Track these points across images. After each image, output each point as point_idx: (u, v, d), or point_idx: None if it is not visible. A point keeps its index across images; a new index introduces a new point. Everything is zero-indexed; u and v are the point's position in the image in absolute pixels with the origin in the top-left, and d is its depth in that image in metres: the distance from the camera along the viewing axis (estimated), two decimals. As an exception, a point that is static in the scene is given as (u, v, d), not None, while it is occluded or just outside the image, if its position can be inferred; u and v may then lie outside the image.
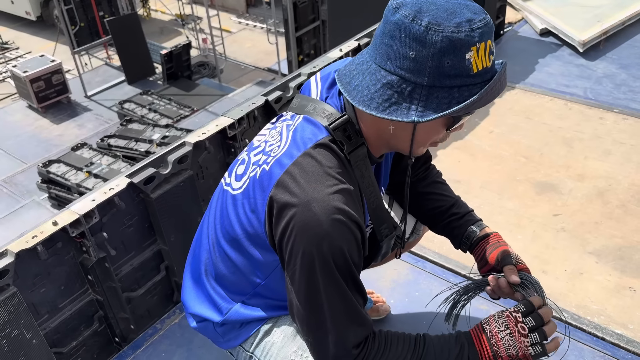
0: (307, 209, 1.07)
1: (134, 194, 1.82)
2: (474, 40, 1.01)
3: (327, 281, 1.10)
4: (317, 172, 1.10)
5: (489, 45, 1.04)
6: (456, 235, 1.48)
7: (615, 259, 2.16)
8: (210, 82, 10.53)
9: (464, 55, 1.01)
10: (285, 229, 1.09)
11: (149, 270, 1.98)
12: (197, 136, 1.97)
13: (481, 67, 1.04)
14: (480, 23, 1.02)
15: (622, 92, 3.21)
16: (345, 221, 1.07)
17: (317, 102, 1.21)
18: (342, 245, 1.08)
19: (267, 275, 1.27)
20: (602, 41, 3.72)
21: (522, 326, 1.19)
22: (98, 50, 12.13)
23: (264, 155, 1.20)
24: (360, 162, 1.19)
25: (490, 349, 1.18)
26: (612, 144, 2.79)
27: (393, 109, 1.06)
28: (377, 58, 1.08)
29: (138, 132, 7.34)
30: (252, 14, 15.29)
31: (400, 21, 1.03)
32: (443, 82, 1.03)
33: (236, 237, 1.25)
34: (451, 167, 2.74)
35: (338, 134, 1.15)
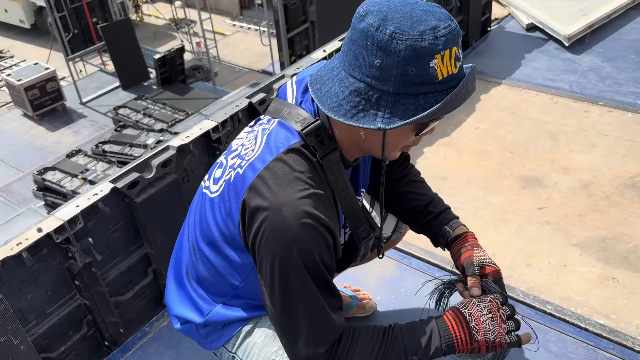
0: (278, 213, 1.09)
1: (118, 198, 1.84)
2: (437, 48, 1.02)
3: (298, 284, 1.12)
4: (288, 177, 1.12)
5: (454, 52, 1.05)
6: (433, 234, 1.51)
7: (599, 250, 2.18)
8: (205, 86, 10.55)
9: (428, 63, 1.02)
10: (257, 233, 1.12)
11: (136, 274, 2.00)
12: (181, 140, 1.99)
13: (446, 74, 1.04)
14: (444, 31, 1.03)
15: (607, 85, 3.24)
16: (314, 225, 1.09)
17: (292, 107, 1.23)
18: (312, 248, 1.10)
19: (245, 276, 1.29)
20: (587, 35, 3.75)
21: (502, 312, 1.23)
22: (92, 57, 12.15)
23: (239, 159, 1.22)
24: (333, 167, 1.21)
25: (469, 332, 1.20)
26: (597, 136, 2.82)
27: (360, 116, 1.07)
28: (346, 65, 1.10)
29: (132, 137, 7.36)
30: (245, 16, 15.31)
31: (366, 29, 1.05)
32: (408, 90, 1.04)
33: (214, 240, 1.27)
34: (438, 163, 2.76)
35: (311, 139, 1.17)
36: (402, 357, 1.20)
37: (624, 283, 2.04)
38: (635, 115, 2.94)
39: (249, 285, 1.30)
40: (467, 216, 2.39)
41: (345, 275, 1.96)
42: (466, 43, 3.71)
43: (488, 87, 3.33)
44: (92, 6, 11.72)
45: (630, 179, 2.52)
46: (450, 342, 1.20)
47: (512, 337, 1.22)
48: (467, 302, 1.25)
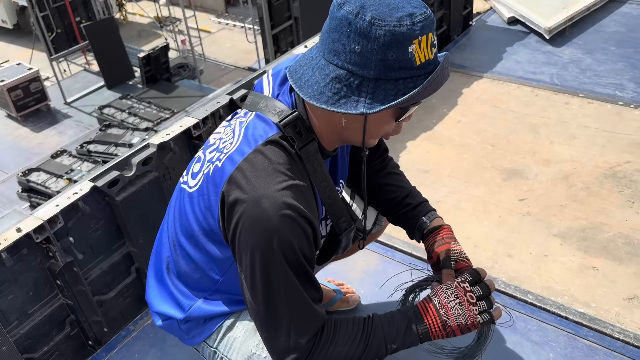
0: (257, 205, 1.09)
1: (98, 197, 1.84)
2: (415, 33, 1.05)
3: (278, 276, 1.12)
4: (266, 169, 1.13)
5: (430, 38, 1.08)
6: (410, 226, 1.52)
7: (579, 240, 2.21)
8: (190, 84, 10.52)
9: (406, 48, 1.05)
10: (237, 225, 1.12)
11: (119, 272, 2.00)
12: (162, 137, 1.99)
13: (424, 59, 1.07)
14: (421, 17, 1.06)
15: (587, 76, 3.27)
16: (294, 216, 1.10)
17: (269, 99, 1.24)
18: (291, 240, 1.11)
19: (226, 271, 1.29)
20: (567, 27, 3.78)
21: (470, 295, 1.26)
22: (76, 56, 12.06)
23: (217, 152, 1.22)
24: (311, 158, 1.21)
25: (440, 319, 1.23)
26: (577, 128, 2.85)
27: (342, 102, 1.09)
28: (325, 53, 1.11)
29: (117, 136, 7.33)
30: (231, 14, 15.26)
31: (345, 17, 1.06)
32: (388, 75, 1.07)
33: (194, 235, 1.27)
34: (420, 157, 2.78)
35: (289, 130, 1.18)
36: (382, 345, 1.23)
37: (603, 272, 2.07)
38: (614, 107, 2.98)
39: (229, 280, 1.30)
40: (449, 209, 2.42)
41: (329, 269, 1.97)
42: (448, 37, 3.73)
43: (470, 80, 3.35)
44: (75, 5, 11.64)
45: (609, 170, 2.55)
46: (425, 330, 1.24)
47: (484, 317, 1.25)
48: (437, 290, 1.28)
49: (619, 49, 3.52)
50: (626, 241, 2.18)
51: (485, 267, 1.41)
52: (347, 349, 1.22)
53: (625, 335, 1.82)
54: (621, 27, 3.77)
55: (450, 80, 3.35)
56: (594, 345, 1.81)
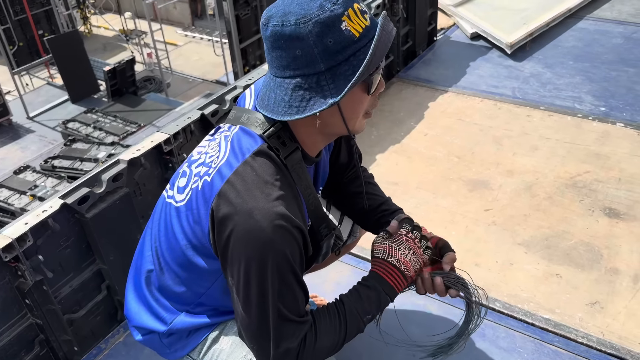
0: (250, 217, 1.11)
1: (68, 214, 1.82)
2: (340, 11, 1.09)
3: (273, 287, 1.14)
4: (256, 181, 1.14)
5: (356, 8, 1.12)
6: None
7: (542, 248, 2.29)
8: (157, 97, 10.43)
9: (339, 28, 1.09)
10: (229, 238, 1.13)
11: (89, 290, 1.98)
12: (132, 153, 1.98)
13: (360, 29, 1.12)
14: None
15: (548, 90, 3.39)
16: (286, 226, 1.12)
17: (250, 112, 1.27)
18: (285, 250, 1.13)
19: (211, 284, 1.30)
20: (528, 42, 3.92)
21: (417, 241, 1.38)
22: (39, 70, 11.83)
23: (204, 167, 1.23)
24: (296, 166, 1.24)
25: (402, 274, 1.34)
26: (539, 139, 2.95)
27: (311, 104, 1.13)
28: (276, 72, 1.16)
29: (83, 151, 7.20)
30: (198, 27, 15.21)
31: (274, 32, 1.12)
32: (338, 59, 1.11)
33: (180, 249, 1.27)
34: (389, 170, 2.84)
35: (273, 140, 1.21)
36: (360, 321, 1.30)
37: (566, 278, 2.14)
38: (574, 119, 3.10)
39: (213, 293, 1.31)
40: (418, 220, 2.42)
41: (301, 283, 1.98)
42: (414, 52, 3.82)
43: (436, 94, 3.44)
44: (38, 18, 11.43)
45: (570, 179, 2.65)
46: (391, 289, 1.33)
47: (427, 252, 1.40)
48: (389, 250, 1.37)
49: (577, 63, 3.66)
50: (587, 248, 2.26)
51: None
52: (332, 339, 1.26)
53: (589, 340, 1.89)
54: (578, 42, 3.93)
55: (416, 95, 3.46)
56: (559, 350, 1.87)
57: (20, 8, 11.04)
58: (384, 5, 3.34)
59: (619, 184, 2.59)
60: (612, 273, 2.14)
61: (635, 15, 4.25)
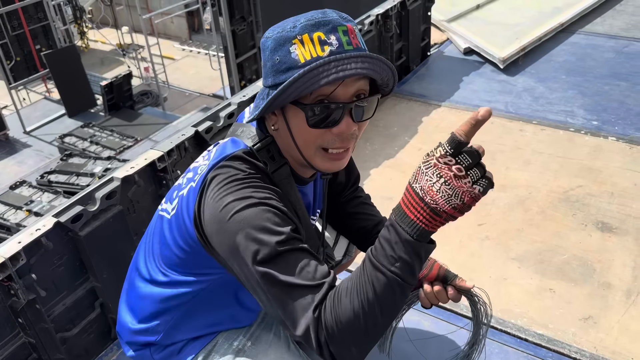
0: (223, 205, 1.11)
1: (62, 232, 1.82)
2: (294, 34, 1.11)
3: (267, 260, 1.06)
4: (234, 176, 1.15)
5: (316, 36, 1.10)
6: None
7: (536, 263, 2.29)
8: (154, 111, 10.46)
9: (288, 49, 1.12)
10: (211, 230, 1.13)
11: (83, 308, 1.97)
12: (126, 171, 1.99)
13: (309, 56, 1.10)
14: (305, 20, 1.12)
15: (540, 104, 3.42)
16: (263, 203, 1.10)
17: (246, 126, 1.29)
18: (263, 223, 1.07)
19: (201, 298, 1.31)
20: (520, 57, 3.95)
21: (457, 168, 1.00)
22: (36, 85, 11.86)
23: (194, 175, 1.25)
24: (284, 181, 1.25)
25: (428, 207, 1.01)
26: (532, 154, 2.97)
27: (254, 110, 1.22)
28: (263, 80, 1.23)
29: (79, 166, 7.21)
30: (195, 41, 15.29)
31: (261, 43, 1.20)
32: (280, 79, 1.13)
33: (174, 261, 1.28)
34: (383, 184, 2.85)
35: (262, 154, 1.22)
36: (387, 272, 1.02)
37: (559, 293, 2.15)
38: (566, 133, 3.12)
39: (202, 305, 1.32)
40: (412, 235, 2.48)
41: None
42: (407, 68, 3.85)
43: (429, 109, 3.46)
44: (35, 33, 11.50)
45: (563, 194, 2.66)
46: (417, 228, 1.02)
47: (482, 184, 1.04)
48: (416, 174, 1.04)
49: (569, 77, 3.70)
50: (580, 263, 2.27)
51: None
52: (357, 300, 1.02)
53: (582, 355, 1.89)
54: (571, 57, 3.97)
55: (410, 109, 3.48)
56: (552, 365, 1.87)
57: (18, 23, 11.11)
58: (378, 22, 3.38)
59: (611, 198, 2.60)
60: (605, 287, 2.15)
61: (626, 29, 4.30)
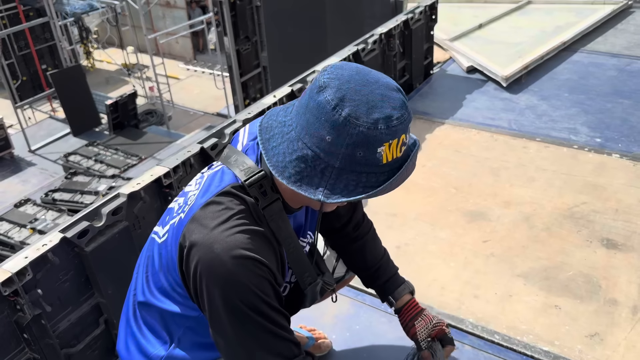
0: (210, 251, 1.12)
1: (68, 248, 1.83)
2: (387, 138, 1.07)
3: (241, 319, 1.14)
4: (219, 216, 1.16)
5: (402, 139, 1.10)
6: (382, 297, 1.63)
7: (541, 279, 2.28)
8: (159, 130, 10.52)
9: (375, 149, 1.08)
10: (195, 274, 1.15)
11: (87, 324, 1.97)
12: (132, 187, 2.00)
13: (391, 158, 1.10)
14: (396, 122, 1.08)
15: (544, 121, 3.44)
16: (248, 259, 1.12)
17: (240, 155, 1.28)
18: (249, 283, 1.13)
19: (190, 321, 1.31)
20: (523, 75, 3.98)
21: None
22: (42, 104, 11.96)
23: (184, 204, 1.26)
24: (275, 216, 1.24)
25: None
26: (536, 171, 2.97)
27: (304, 183, 1.11)
28: (298, 128, 1.13)
29: (83, 184, 7.24)
30: (199, 60, 15.43)
31: (323, 105, 1.08)
32: (353, 168, 1.09)
33: (163, 285, 1.30)
34: (388, 201, 2.85)
35: (253, 190, 1.21)
36: None
37: (565, 310, 2.14)
38: (570, 150, 3.13)
39: (193, 331, 1.32)
40: (417, 251, 2.48)
41: (301, 315, 1.97)
42: (410, 86, 3.88)
43: (432, 127, 3.48)
44: (42, 53, 11.65)
45: (567, 210, 2.66)
46: None
47: None
48: None
49: (572, 95, 3.72)
50: (586, 279, 2.26)
51: (452, 308, 1.47)
52: None
53: (589, 372, 1.88)
54: (573, 75, 4.00)
55: (414, 127, 3.49)
56: (559, 383, 1.86)
57: (25, 43, 11.26)
58: (381, 41, 3.41)
59: (616, 215, 2.60)
60: (611, 304, 2.14)
61: (628, 47, 4.33)
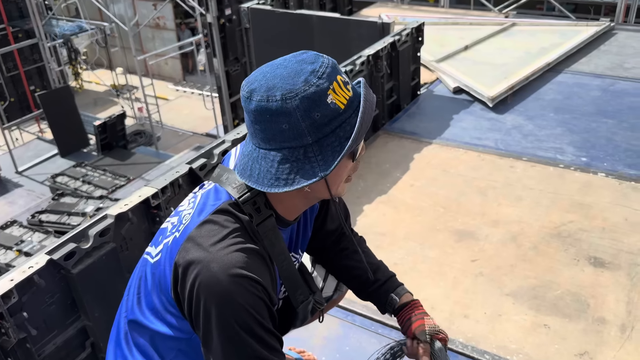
0: (207, 270, 1.12)
1: (54, 270, 1.81)
2: (325, 85, 1.11)
3: (233, 339, 1.14)
4: (215, 235, 1.16)
5: (340, 80, 1.14)
6: (380, 302, 1.56)
7: (530, 298, 2.29)
8: (147, 150, 10.50)
9: (325, 102, 1.11)
10: (191, 293, 1.14)
11: (73, 348, 1.94)
12: (120, 208, 1.99)
13: (345, 101, 1.13)
14: (322, 68, 1.12)
15: (529, 141, 3.48)
16: (244, 279, 1.12)
17: (231, 173, 1.28)
18: (245, 303, 1.13)
19: (188, 338, 1.30)
20: (509, 96, 4.04)
21: None
22: (29, 125, 11.90)
23: (178, 223, 1.26)
24: (269, 233, 1.24)
25: None
26: (523, 190, 3.00)
27: (300, 176, 1.13)
28: (260, 144, 1.15)
29: (70, 205, 7.18)
30: (189, 81, 15.47)
31: (259, 106, 1.11)
32: (325, 131, 1.12)
33: (155, 306, 1.28)
34: (377, 220, 2.86)
35: (247, 207, 1.21)
36: None
37: (554, 329, 2.14)
38: (556, 169, 3.16)
39: (186, 353, 1.31)
40: (406, 270, 2.48)
41: (290, 337, 1.95)
42: (398, 106, 3.92)
43: (420, 146, 3.51)
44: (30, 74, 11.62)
45: (555, 229, 2.68)
46: None
47: None
48: None
49: (557, 115, 3.77)
50: (574, 298, 2.27)
51: (443, 328, 1.46)
52: None
53: (579, 391, 1.88)
54: (558, 95, 4.06)
55: (402, 147, 3.53)
56: (549, 402, 1.85)
57: (13, 64, 11.24)
58: (369, 62, 3.45)
59: (602, 233, 2.62)
60: (599, 323, 2.15)
61: (611, 68, 4.42)
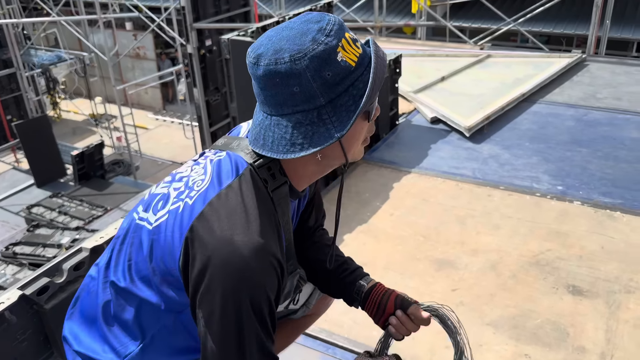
0: (229, 245, 1.07)
1: (27, 306, 1.76)
2: (333, 43, 1.08)
3: (246, 320, 1.08)
4: (238, 207, 1.11)
5: (348, 37, 1.12)
6: (348, 292, 1.50)
7: (510, 328, 2.29)
8: (125, 180, 10.39)
9: (336, 60, 1.09)
10: (205, 266, 1.08)
11: (45, 386, 1.88)
12: (95, 241, 1.96)
13: (355, 58, 1.11)
14: (329, 26, 1.10)
15: (506, 170, 3.53)
16: (267, 257, 1.09)
17: (242, 139, 1.25)
18: (263, 281, 1.09)
19: (177, 314, 1.23)
20: (485, 125, 4.11)
21: None
22: (5, 155, 11.74)
23: (187, 190, 1.19)
24: (281, 200, 1.21)
25: None
26: (501, 218, 3.03)
27: (316, 139, 1.10)
28: (271, 110, 1.13)
29: (46, 237, 7.03)
30: (169, 110, 15.46)
31: (267, 70, 1.09)
32: (337, 91, 1.10)
33: (147, 275, 1.20)
34: (357, 250, 2.85)
35: (263, 171, 1.18)
36: None
37: (535, 359, 2.14)
38: (533, 197, 3.21)
39: (170, 331, 1.24)
40: (386, 302, 2.46)
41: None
42: (377, 136, 3.96)
43: (400, 175, 3.53)
44: (7, 104, 11.53)
45: (533, 258, 2.70)
46: None
47: None
48: None
49: (533, 144, 3.84)
50: (554, 327, 2.28)
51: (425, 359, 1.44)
52: None
53: (561, 422, 1.87)
54: (533, 125, 4.14)
55: (381, 176, 3.55)
56: None
57: (-10, 94, 11.15)
58: (348, 92, 3.49)
59: (580, 261, 2.65)
60: (579, 352, 2.15)
61: (584, 98, 4.53)
